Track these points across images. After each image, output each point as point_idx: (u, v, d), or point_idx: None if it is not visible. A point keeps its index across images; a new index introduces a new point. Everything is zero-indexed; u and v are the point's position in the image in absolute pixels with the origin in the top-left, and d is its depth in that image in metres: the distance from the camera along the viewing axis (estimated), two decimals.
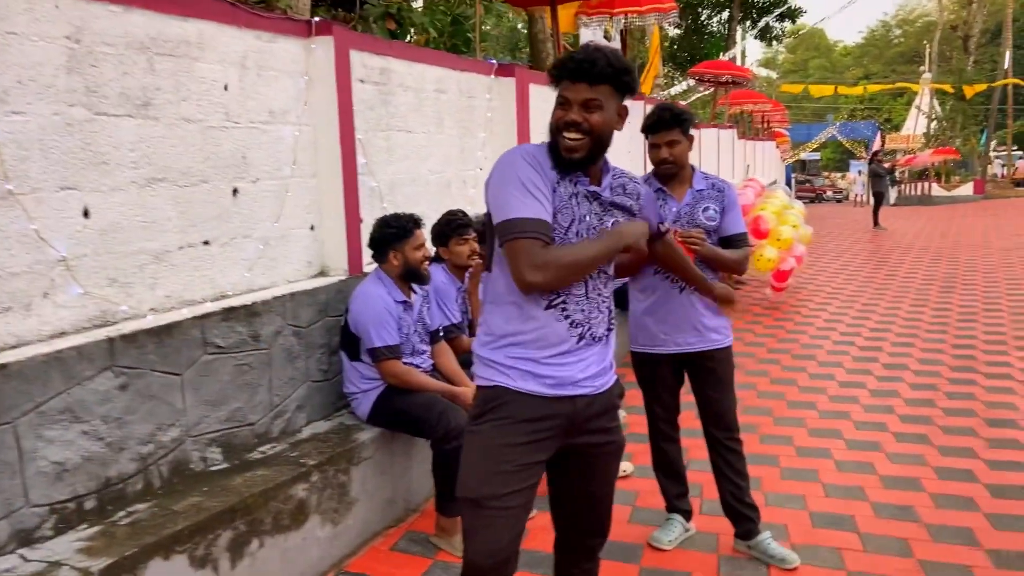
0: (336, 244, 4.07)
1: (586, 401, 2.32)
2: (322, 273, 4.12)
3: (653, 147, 3.49)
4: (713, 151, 14.27)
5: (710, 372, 3.61)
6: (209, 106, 3.38)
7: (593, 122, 2.20)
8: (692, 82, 16.75)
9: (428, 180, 5.03)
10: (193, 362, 3.15)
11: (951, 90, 35.60)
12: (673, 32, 31.56)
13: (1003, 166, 42.57)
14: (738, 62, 27.61)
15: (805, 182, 38.48)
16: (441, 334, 4.06)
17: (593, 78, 2.19)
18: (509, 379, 2.25)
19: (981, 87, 33.47)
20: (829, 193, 37.22)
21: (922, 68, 40.66)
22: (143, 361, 2.93)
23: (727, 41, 29.21)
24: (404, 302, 3.76)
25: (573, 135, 2.19)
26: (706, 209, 3.53)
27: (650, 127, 3.46)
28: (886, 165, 22.99)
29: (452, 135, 5.31)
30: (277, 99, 3.76)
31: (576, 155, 2.21)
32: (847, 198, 36.85)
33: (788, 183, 31.19)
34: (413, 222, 3.76)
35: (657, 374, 3.68)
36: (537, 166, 2.19)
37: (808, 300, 10.21)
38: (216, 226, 3.43)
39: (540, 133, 6.94)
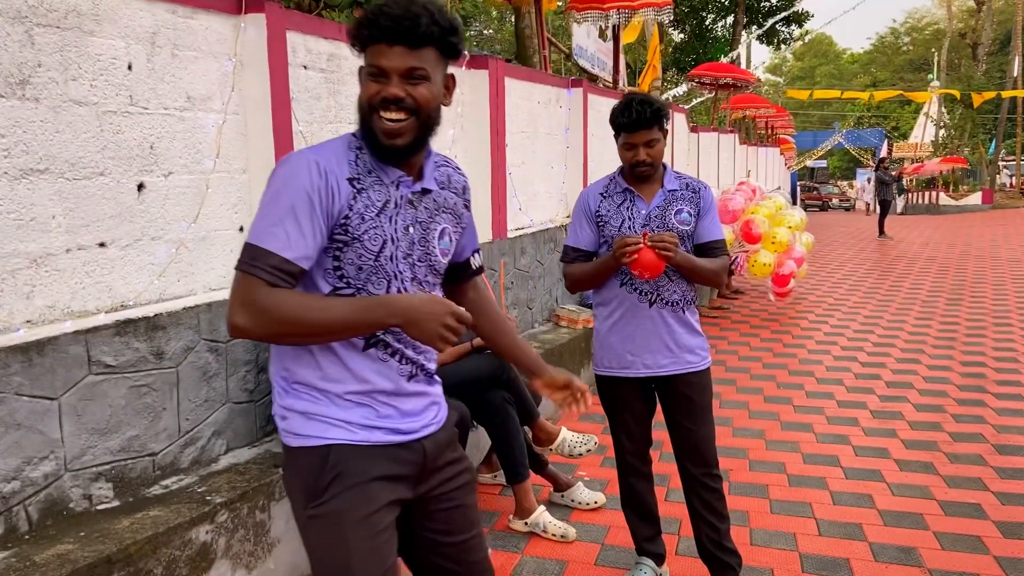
0: None
1: (433, 441, 1.92)
2: None
3: (628, 147, 3.05)
4: (712, 156, 13.81)
5: (685, 399, 3.16)
6: (108, 88, 2.94)
7: (419, 96, 1.73)
8: (693, 85, 16.29)
9: None
10: (73, 384, 2.69)
11: (959, 96, 35.10)
12: (677, 37, 31.14)
13: (1011, 175, 42.06)
14: (742, 65, 27.15)
15: (812, 190, 37.96)
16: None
17: (415, 40, 1.70)
18: (349, 432, 1.80)
19: (990, 95, 32.95)
20: (835, 201, 36.69)
21: (930, 76, 40.22)
22: (5, 384, 2.48)
23: (731, 46, 28.76)
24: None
25: (394, 115, 1.72)
26: (679, 212, 3.09)
27: (625, 125, 3.00)
28: (893, 172, 22.47)
29: None
30: (197, 83, 3.32)
31: (399, 140, 1.74)
32: (854, 207, 36.39)
33: (793, 190, 30.71)
34: None
35: (624, 400, 3.23)
36: (322, 179, 1.71)
37: (808, 311, 9.74)
38: (115, 226, 2.98)
39: (518, 131, 6.59)
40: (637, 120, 2.97)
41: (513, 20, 11.33)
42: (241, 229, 3.55)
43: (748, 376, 6.80)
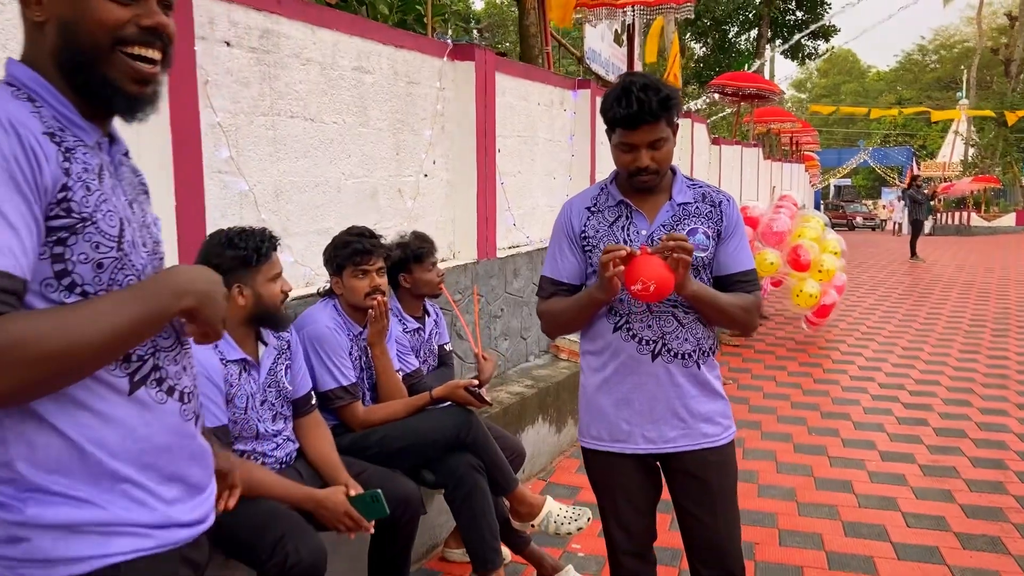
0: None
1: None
2: None
3: (625, 148, 2.25)
4: (735, 171, 12.96)
5: (699, 483, 2.35)
6: None
7: None
8: (713, 94, 15.44)
9: (342, 186, 3.81)
10: None
11: (992, 115, 34.03)
12: (699, 50, 30.38)
13: None
14: (765, 78, 26.30)
15: (838, 208, 36.91)
16: (314, 401, 2.81)
17: None
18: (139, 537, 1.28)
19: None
20: (859, 220, 35.60)
21: (959, 94, 39.20)
22: None
23: (755, 60, 27.96)
24: (243, 360, 2.52)
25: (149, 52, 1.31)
26: (692, 233, 2.29)
27: (623, 119, 2.20)
28: (926, 191, 21.44)
29: (382, 129, 4.09)
30: None
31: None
32: (880, 226, 35.36)
33: (816, 209, 29.76)
34: (267, 242, 2.52)
35: (618, 483, 2.41)
36: (15, 138, 1.15)
37: (840, 340, 8.86)
38: None
39: (513, 135, 5.81)
40: (639, 112, 2.17)
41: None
42: None
43: (775, 419, 5.94)
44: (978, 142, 37.07)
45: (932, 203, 28.10)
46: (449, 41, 4.64)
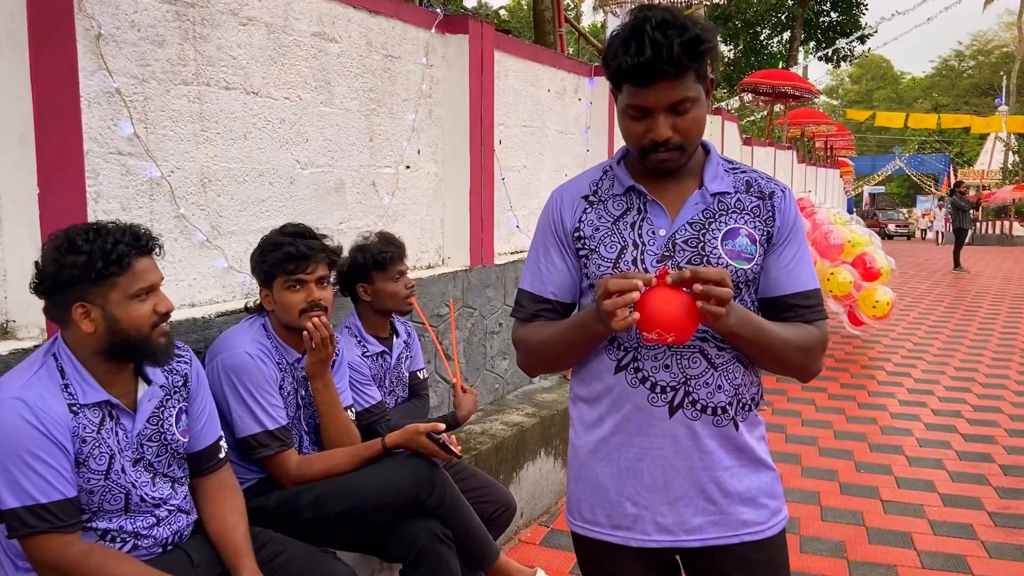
0: (19, 276, 2.14)
1: None
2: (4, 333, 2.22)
3: (635, 113, 1.56)
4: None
5: None
6: None
7: None
8: (745, 94, 14.59)
9: (297, 176, 3.13)
10: None
11: None
12: (729, 52, 29.52)
13: None
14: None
15: (872, 216, 35.80)
16: (222, 455, 2.12)
17: None
18: None
19: None
20: (892, 227, 34.43)
21: (998, 100, 38.00)
22: None
23: (788, 63, 27.07)
24: (106, 404, 1.84)
25: None
26: (732, 235, 1.59)
27: (632, 71, 1.50)
28: (969, 197, 20.38)
29: (351, 110, 3.41)
30: None
31: None
32: (914, 234, 34.28)
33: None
34: (127, 243, 1.82)
35: None
36: None
37: (884, 358, 8.05)
38: None
39: (518, 124, 5.08)
40: (653, 60, 1.46)
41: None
42: None
43: (816, 451, 5.18)
44: (1019, 149, 35.87)
45: (976, 211, 27.05)
46: (438, 10, 3.95)
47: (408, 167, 3.79)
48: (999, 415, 6.00)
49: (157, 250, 1.88)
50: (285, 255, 2.33)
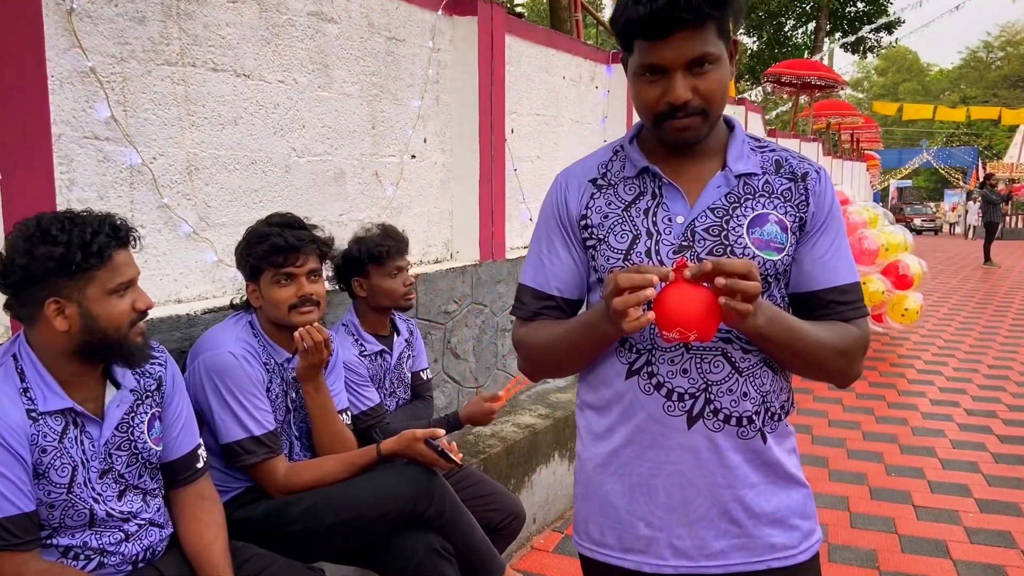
0: None
1: None
2: None
3: (649, 73, 1.37)
4: None
5: None
6: None
7: None
8: (768, 83, 14.27)
9: (292, 165, 2.96)
10: None
11: None
12: (752, 44, 29.11)
13: None
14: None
15: (899, 210, 35.22)
16: (200, 464, 1.95)
17: None
18: None
19: None
20: (918, 221, 33.82)
21: None
22: None
23: (813, 53, 26.62)
24: (70, 411, 1.68)
25: None
26: (760, 221, 1.40)
27: (642, 22, 1.30)
28: (1000, 190, 19.90)
29: (351, 95, 3.23)
30: None
31: None
32: (941, 228, 33.69)
33: None
34: (106, 234, 1.66)
35: None
36: None
37: (914, 356, 7.78)
38: None
39: (531, 113, 4.90)
40: (670, 6, 1.27)
41: None
42: None
43: (844, 454, 4.95)
44: None
45: (1006, 204, 26.54)
46: None
47: (414, 156, 3.60)
48: None
49: (134, 242, 1.72)
50: (272, 247, 2.16)
